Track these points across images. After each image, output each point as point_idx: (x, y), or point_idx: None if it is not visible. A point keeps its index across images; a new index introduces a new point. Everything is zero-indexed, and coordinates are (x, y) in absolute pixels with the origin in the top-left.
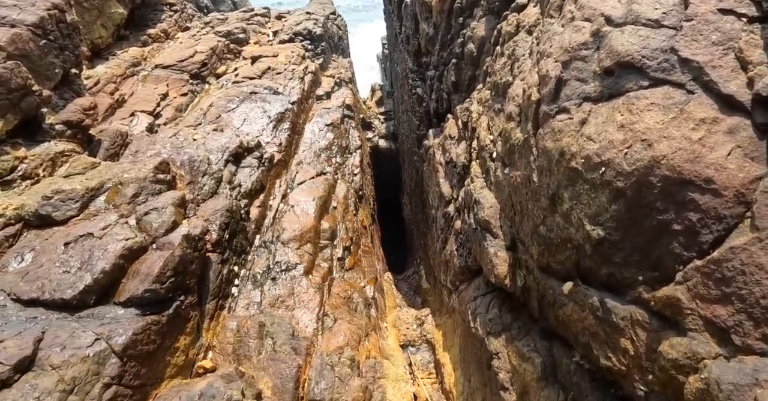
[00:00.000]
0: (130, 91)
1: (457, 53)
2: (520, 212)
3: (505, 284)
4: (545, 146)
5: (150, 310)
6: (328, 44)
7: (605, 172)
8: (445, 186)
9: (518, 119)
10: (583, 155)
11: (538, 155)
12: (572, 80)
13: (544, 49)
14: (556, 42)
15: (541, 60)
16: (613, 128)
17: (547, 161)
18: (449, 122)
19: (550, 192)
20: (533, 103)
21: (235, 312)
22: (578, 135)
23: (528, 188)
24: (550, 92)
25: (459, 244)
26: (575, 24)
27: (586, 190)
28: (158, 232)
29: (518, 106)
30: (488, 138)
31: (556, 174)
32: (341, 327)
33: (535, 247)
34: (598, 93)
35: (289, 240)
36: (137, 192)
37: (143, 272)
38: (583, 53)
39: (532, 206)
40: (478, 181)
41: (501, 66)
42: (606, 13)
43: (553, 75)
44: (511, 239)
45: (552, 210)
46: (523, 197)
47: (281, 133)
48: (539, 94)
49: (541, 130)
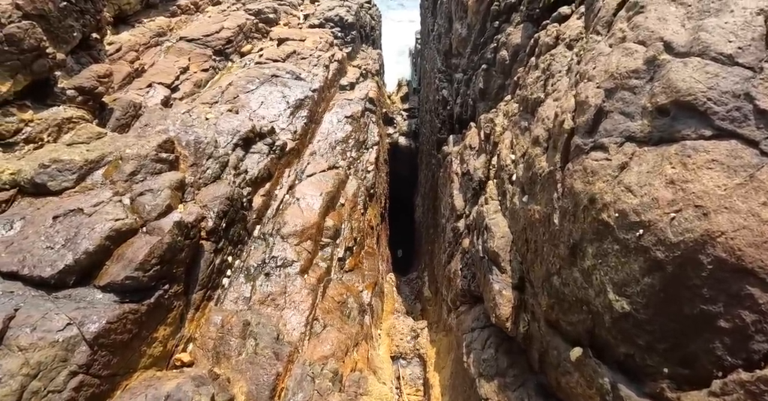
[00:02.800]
0: (151, 62)
1: (489, 59)
2: (533, 251)
3: (506, 328)
4: (573, 186)
5: (130, 298)
6: (358, 33)
7: (643, 236)
8: (458, 199)
9: (545, 145)
10: (618, 208)
11: (563, 193)
12: (615, 113)
13: (586, 70)
14: (601, 64)
15: (581, 82)
16: (660, 182)
17: (573, 204)
18: (471, 130)
19: (571, 241)
20: (565, 131)
21: (223, 305)
22: (615, 182)
23: (546, 228)
24: (587, 123)
25: (464, 264)
26: (626, 46)
27: (616, 251)
28: (150, 215)
29: (547, 130)
30: (509, 157)
31: (581, 222)
32: (330, 334)
33: (545, 297)
34: (645, 134)
35: (290, 235)
36: (136, 170)
37: (128, 258)
38: (632, 83)
39: (548, 251)
40: (493, 203)
41: (534, 80)
42: (666, 37)
43: (592, 103)
44: (519, 278)
45: (570, 262)
46: (540, 236)
47: (298, 120)
48: (573, 123)
49: (570, 165)
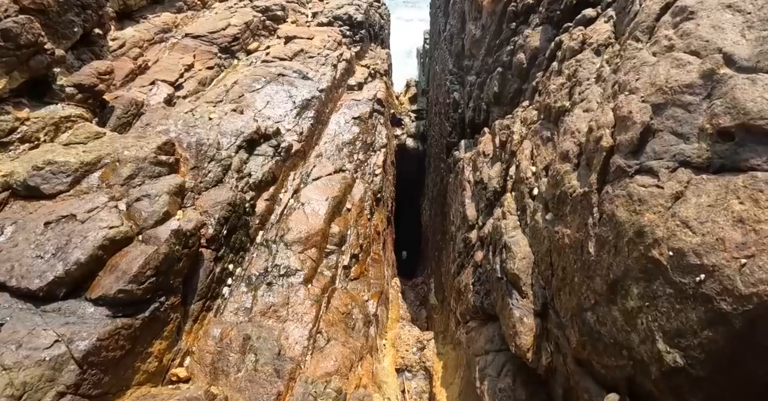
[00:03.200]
0: (155, 58)
1: (504, 62)
2: (560, 278)
3: (526, 358)
4: (615, 213)
5: (123, 312)
6: (367, 32)
7: (705, 282)
8: (470, 208)
9: (576, 162)
10: (673, 246)
11: (601, 220)
12: (666, 132)
13: (627, 81)
14: (645, 75)
15: (620, 94)
16: (725, 219)
17: (614, 234)
18: (485, 136)
19: (611, 276)
20: (603, 149)
21: (223, 316)
22: (668, 214)
23: (578, 256)
24: (630, 142)
25: (476, 278)
26: (676, 56)
27: (669, 296)
28: (147, 223)
29: (578, 145)
30: (530, 169)
31: (624, 256)
32: (333, 349)
33: (575, 333)
34: (703, 160)
35: (294, 242)
36: (134, 173)
37: (121, 269)
38: (686, 98)
39: (580, 281)
40: (511, 219)
41: (557, 87)
42: (726, 49)
43: (638, 119)
44: (542, 305)
45: (609, 300)
46: (569, 264)
47: (304, 121)
48: (613, 140)
49: (610, 188)
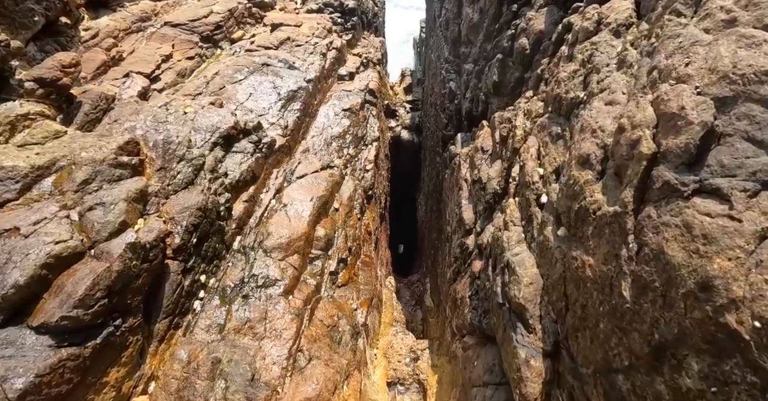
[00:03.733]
0: (131, 49)
1: (505, 48)
2: (579, 317)
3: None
4: (663, 249)
5: (70, 340)
6: (359, 19)
7: None
8: (467, 211)
9: (600, 169)
10: (762, 314)
11: (639, 254)
12: (738, 138)
13: (670, 66)
14: (700, 58)
15: (661, 83)
16: None
17: (664, 279)
18: (483, 130)
19: (656, 336)
20: (642, 156)
21: (193, 334)
22: (751, 262)
23: (605, 296)
24: (685, 149)
25: (473, 292)
26: (743, 32)
27: (751, 386)
28: (100, 235)
29: (602, 147)
30: (537, 172)
31: (679, 314)
32: (315, 370)
33: (598, 396)
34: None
35: (273, 248)
36: (89, 177)
37: (67, 291)
38: (766, 90)
39: (607, 330)
40: (514, 230)
41: (568, 75)
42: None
43: (695, 118)
44: (554, 343)
45: (652, 368)
46: (592, 302)
47: (289, 114)
48: (656, 145)
49: (653, 211)
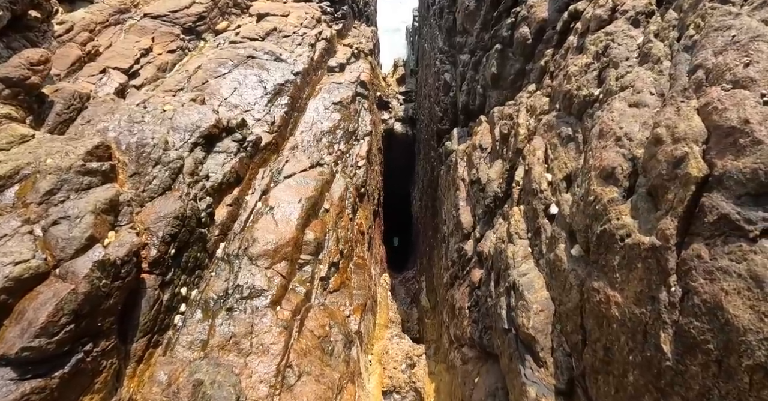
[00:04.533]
0: (108, 43)
1: (504, 37)
2: (600, 359)
3: None
4: (719, 303)
5: (33, 372)
6: (350, 8)
7: None
8: (465, 213)
9: (627, 186)
10: None
11: (685, 302)
12: None
13: (723, 64)
14: (764, 57)
15: (711, 87)
16: None
17: (722, 342)
18: (482, 126)
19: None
20: (691, 180)
21: (174, 352)
22: None
23: (636, 344)
24: (751, 175)
25: (473, 303)
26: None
27: None
28: (65, 252)
29: (630, 159)
30: (544, 178)
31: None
32: (305, 387)
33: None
34: None
35: (259, 256)
36: (54, 187)
37: (28, 318)
38: None
39: (637, 384)
40: (520, 244)
41: (580, 69)
42: None
43: (762, 136)
44: (568, 381)
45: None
46: (618, 347)
47: (277, 109)
48: (708, 166)
49: (705, 252)
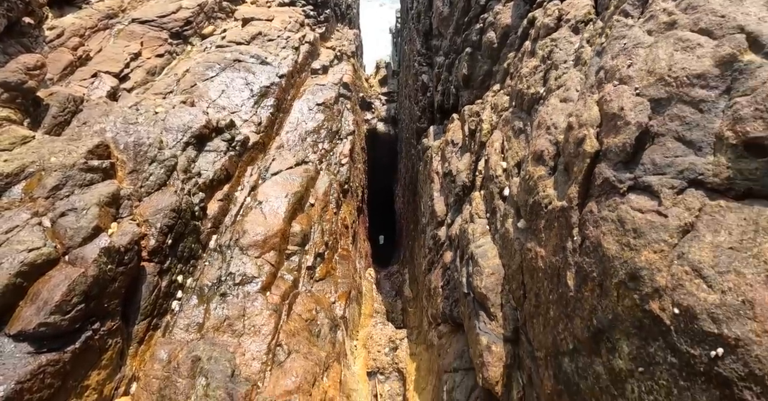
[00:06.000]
0: (98, 48)
1: (474, 41)
2: (533, 304)
3: (495, 392)
4: (601, 243)
5: (49, 346)
6: (333, 12)
7: (723, 359)
8: (439, 203)
9: (552, 165)
10: (680, 302)
11: (582, 247)
12: (669, 138)
13: (615, 66)
14: (640, 60)
15: (608, 84)
16: (755, 271)
17: (600, 270)
18: (454, 123)
19: (594, 323)
20: (586, 154)
21: (172, 334)
22: (674, 254)
23: (554, 285)
24: (622, 148)
25: (445, 281)
26: (680, 35)
27: (671, 366)
28: (74, 241)
29: (555, 144)
30: (500, 166)
31: (613, 302)
32: (295, 363)
33: (549, 377)
34: (723, 180)
35: (250, 246)
36: (60, 183)
37: (43, 298)
38: (696, 93)
39: (556, 317)
40: (479, 222)
41: (530, 70)
42: (749, 28)
43: (632, 119)
44: (513, 329)
45: (591, 351)
46: (543, 291)
47: (263, 110)
48: (599, 144)
49: (595, 207)
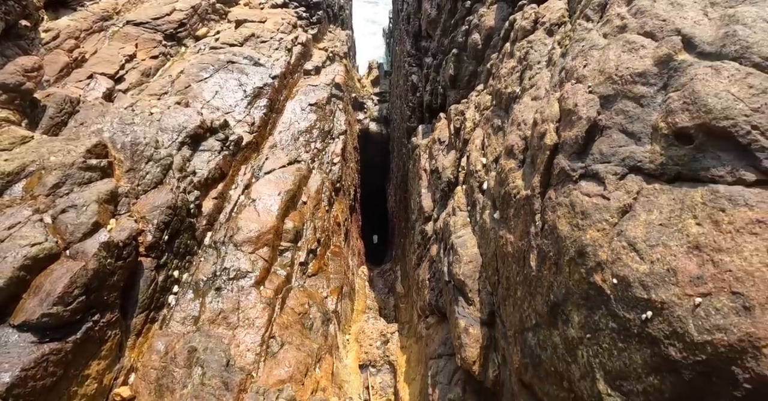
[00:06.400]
0: (93, 49)
1: (460, 43)
2: (505, 288)
3: (473, 371)
4: (556, 225)
5: (51, 336)
6: (325, 13)
7: (652, 320)
8: (426, 199)
9: (521, 158)
10: (617, 272)
11: (542, 230)
12: (614, 130)
13: (574, 67)
14: (594, 61)
15: (567, 83)
16: (678, 244)
17: (556, 250)
18: (441, 122)
19: (551, 297)
20: (547, 147)
21: (169, 327)
22: (614, 232)
23: (521, 268)
24: (575, 140)
25: (432, 274)
26: (629, 38)
27: (611, 330)
28: (74, 236)
29: (524, 139)
30: (480, 161)
31: (566, 277)
32: (287, 354)
33: (517, 352)
34: (656, 166)
35: (243, 242)
36: (60, 181)
37: (45, 290)
38: (638, 89)
39: (522, 296)
40: (461, 215)
41: (508, 71)
42: (685, 30)
43: (584, 114)
44: (489, 313)
45: (550, 323)
46: (512, 274)
47: (256, 110)
48: (558, 137)
49: (552, 194)
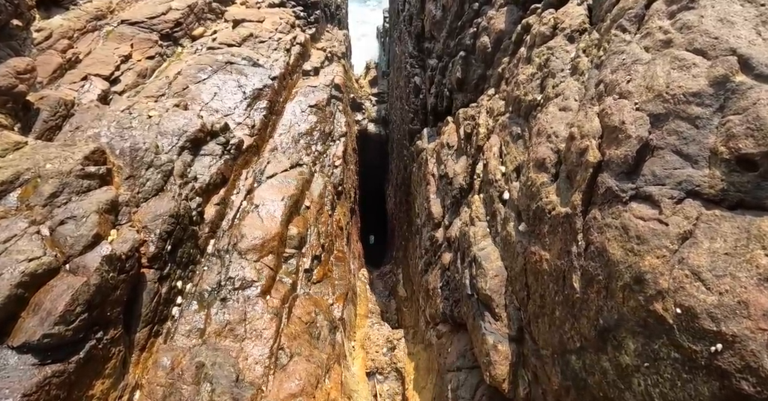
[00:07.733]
0: (87, 50)
1: (467, 45)
2: (538, 305)
3: (502, 389)
4: (606, 248)
5: (53, 357)
6: (323, 13)
7: (722, 353)
8: (435, 205)
9: (554, 172)
10: (682, 303)
11: (587, 251)
12: (668, 151)
13: (615, 81)
14: (639, 76)
15: (608, 97)
16: (748, 275)
17: (606, 274)
18: (449, 125)
19: (600, 322)
20: (589, 164)
21: (173, 341)
22: (674, 259)
23: (560, 287)
24: (624, 159)
25: (444, 282)
26: (677, 54)
27: (674, 361)
28: (74, 249)
29: (556, 152)
30: (499, 170)
31: (619, 303)
32: (297, 366)
33: (556, 374)
34: (717, 192)
35: (248, 250)
36: (57, 190)
37: (46, 308)
38: (692, 110)
39: (562, 317)
40: (480, 225)
41: (527, 77)
42: (741, 50)
43: (633, 132)
44: (518, 329)
45: (598, 348)
46: (548, 293)
47: (256, 113)
48: (601, 154)
49: (598, 214)
